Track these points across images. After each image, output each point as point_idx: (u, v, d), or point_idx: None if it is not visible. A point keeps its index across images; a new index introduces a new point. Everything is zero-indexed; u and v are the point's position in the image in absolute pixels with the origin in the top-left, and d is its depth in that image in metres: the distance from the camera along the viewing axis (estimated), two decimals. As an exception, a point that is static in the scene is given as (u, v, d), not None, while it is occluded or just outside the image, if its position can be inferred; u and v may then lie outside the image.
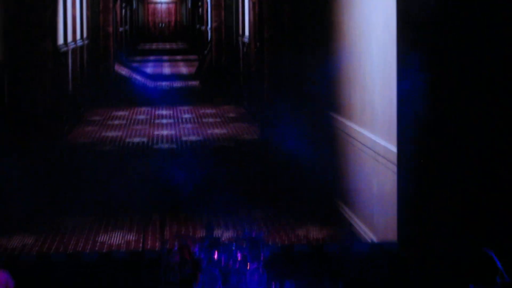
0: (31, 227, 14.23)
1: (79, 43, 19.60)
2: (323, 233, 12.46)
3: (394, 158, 14.06)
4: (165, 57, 20.04)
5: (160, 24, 18.86)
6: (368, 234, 15.84)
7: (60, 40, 18.91)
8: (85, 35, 18.95)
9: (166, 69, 19.42)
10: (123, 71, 19.05)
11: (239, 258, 14.47)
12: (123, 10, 18.42)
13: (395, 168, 14.08)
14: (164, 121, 17.45)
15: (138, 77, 19.21)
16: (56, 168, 16.91)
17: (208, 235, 14.99)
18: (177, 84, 19.36)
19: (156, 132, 16.35)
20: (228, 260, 14.64)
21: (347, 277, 14.26)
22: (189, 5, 18.69)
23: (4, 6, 17.57)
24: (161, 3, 18.54)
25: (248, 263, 14.30)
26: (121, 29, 18.57)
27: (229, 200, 15.03)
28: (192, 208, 15.17)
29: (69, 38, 19.31)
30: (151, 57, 19.94)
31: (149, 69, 19.00)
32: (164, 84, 19.05)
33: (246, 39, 18.96)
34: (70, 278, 14.18)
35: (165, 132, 16.33)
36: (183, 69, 19.61)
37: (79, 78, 18.98)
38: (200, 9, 18.41)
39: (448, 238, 14.66)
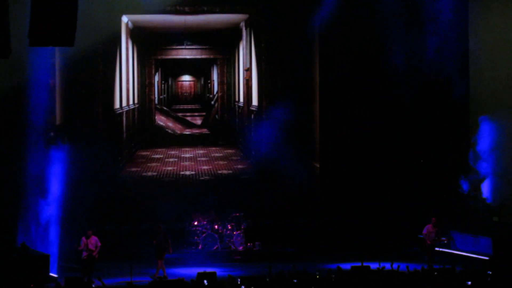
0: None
1: (131, 106, 27.06)
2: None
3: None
4: (188, 113, 29.05)
5: (185, 93, 28.48)
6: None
7: (117, 105, 27.38)
8: (136, 101, 28.11)
9: (188, 119, 28.73)
10: (161, 121, 28.54)
11: (229, 228, 25.59)
12: (163, 85, 28.24)
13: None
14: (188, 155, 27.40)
15: (170, 125, 28.65)
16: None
17: (211, 216, 26.23)
18: (195, 130, 28.81)
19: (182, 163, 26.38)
20: (222, 229, 25.91)
21: (298, 242, 24.10)
22: (202, 82, 28.47)
23: (65, 84, 24.02)
24: (185, 81, 28.33)
25: (234, 231, 25.33)
26: (161, 96, 28.23)
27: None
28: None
29: (124, 104, 26.83)
30: (179, 113, 29.12)
31: (178, 120, 28.55)
32: (187, 131, 28.54)
33: (240, 104, 28.08)
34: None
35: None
36: (198, 121, 29.14)
37: (131, 129, 27.93)
38: (209, 84, 28.27)
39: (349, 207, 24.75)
